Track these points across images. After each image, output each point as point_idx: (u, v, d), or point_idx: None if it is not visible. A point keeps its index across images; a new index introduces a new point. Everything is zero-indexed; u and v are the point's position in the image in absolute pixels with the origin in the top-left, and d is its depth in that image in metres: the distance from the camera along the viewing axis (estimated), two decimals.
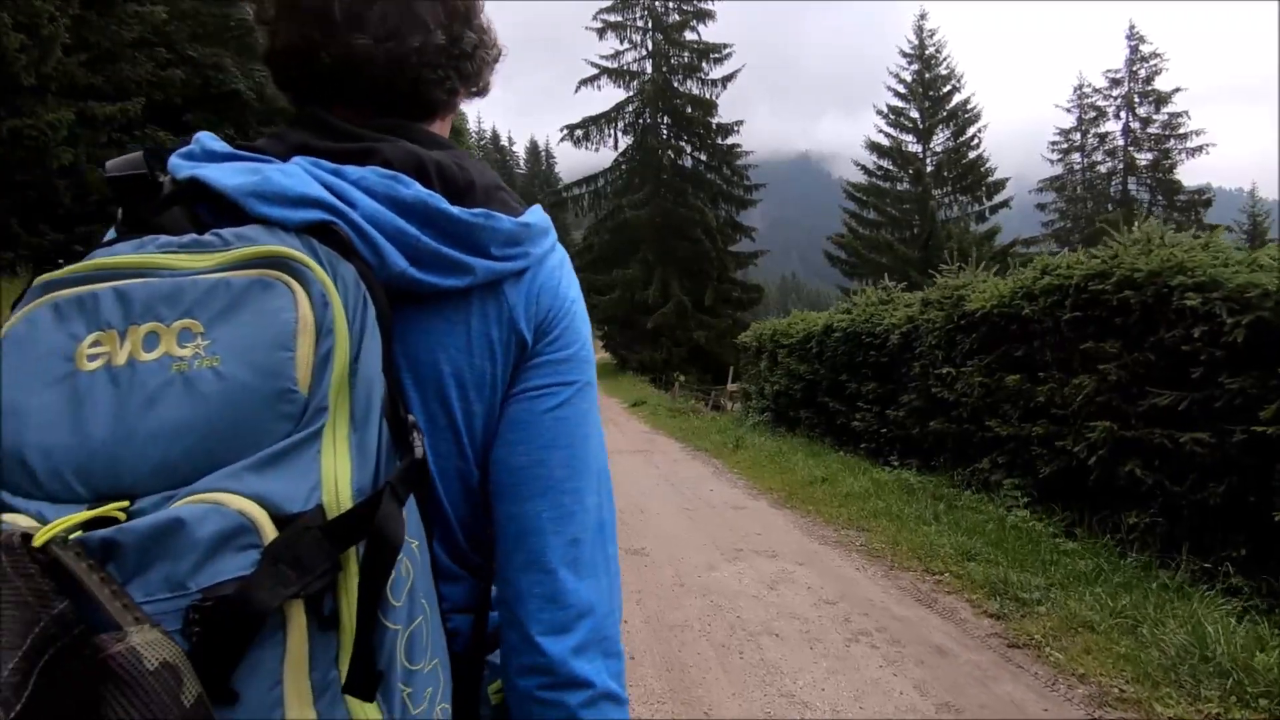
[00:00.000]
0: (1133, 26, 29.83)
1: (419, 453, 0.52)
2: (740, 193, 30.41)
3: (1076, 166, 32.28)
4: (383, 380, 0.51)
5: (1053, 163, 32.81)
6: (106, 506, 0.42)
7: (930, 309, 7.16)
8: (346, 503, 0.45)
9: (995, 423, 5.87)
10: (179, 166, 0.55)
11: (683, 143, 30.38)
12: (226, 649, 0.39)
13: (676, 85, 29.74)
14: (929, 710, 2.78)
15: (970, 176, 28.00)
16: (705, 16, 29.33)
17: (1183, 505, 4.13)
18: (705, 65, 29.41)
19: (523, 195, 0.67)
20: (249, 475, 0.43)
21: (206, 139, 0.58)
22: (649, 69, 29.58)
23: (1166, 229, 4.88)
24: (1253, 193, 30.81)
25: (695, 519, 5.88)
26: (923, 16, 28.59)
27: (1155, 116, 29.65)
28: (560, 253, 0.67)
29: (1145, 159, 29.84)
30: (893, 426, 7.81)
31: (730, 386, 18.13)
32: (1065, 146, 32.63)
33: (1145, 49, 29.54)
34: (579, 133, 29.99)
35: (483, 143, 65.86)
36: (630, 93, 29.83)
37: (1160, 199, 29.07)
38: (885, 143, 28.69)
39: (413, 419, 0.54)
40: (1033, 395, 5.41)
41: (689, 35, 29.41)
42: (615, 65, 29.60)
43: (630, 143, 30.32)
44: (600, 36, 29.56)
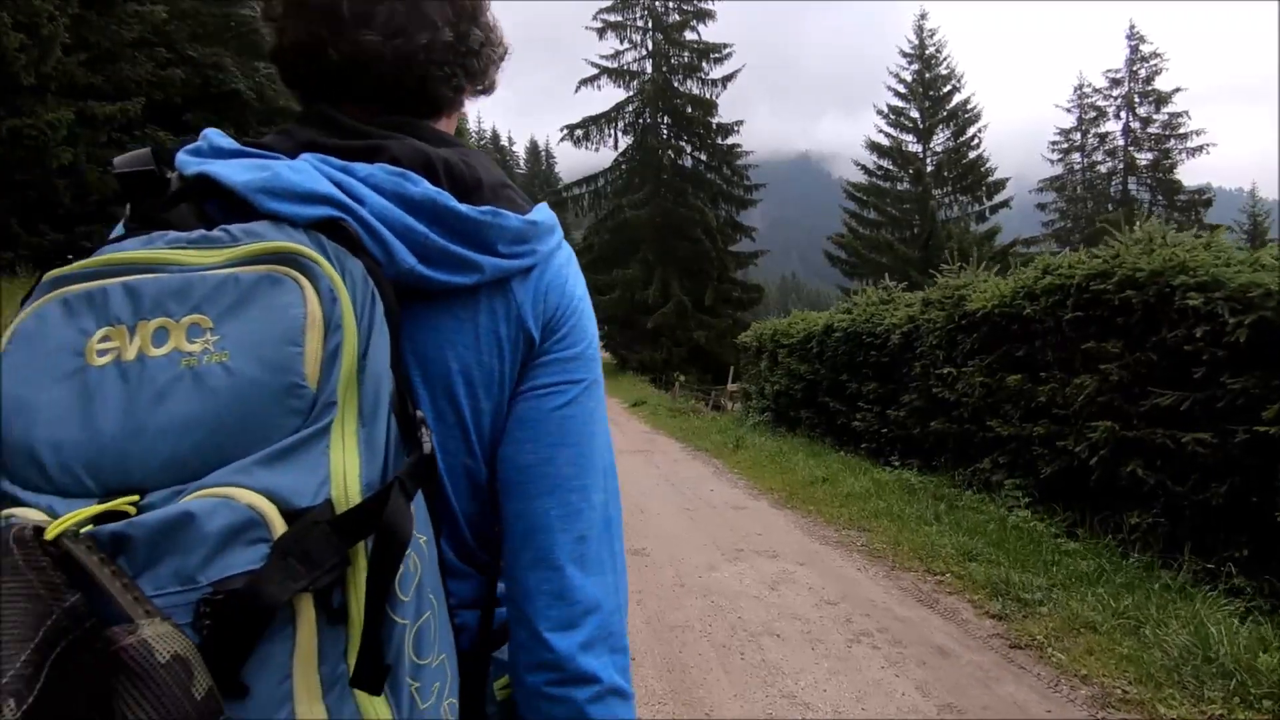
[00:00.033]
0: (1133, 26, 29.87)
1: (427, 448, 0.52)
2: (740, 193, 30.39)
3: (1077, 166, 32.29)
4: (391, 376, 0.51)
5: (1053, 163, 32.87)
6: (117, 501, 0.42)
7: (931, 309, 7.16)
8: (355, 498, 0.45)
9: (996, 423, 5.86)
10: (187, 163, 0.55)
11: (683, 143, 30.35)
12: (236, 642, 0.40)
13: (676, 85, 29.72)
14: (931, 711, 2.78)
15: (970, 176, 28.01)
16: (705, 16, 29.32)
17: (1185, 505, 4.12)
18: (705, 65, 29.40)
19: None
20: (258, 470, 0.43)
21: (214, 135, 0.58)
22: (649, 69, 29.56)
23: (1168, 229, 4.88)
24: (1253, 193, 30.80)
25: (696, 519, 5.87)
26: (923, 16, 28.62)
27: (1155, 116, 29.66)
28: (567, 250, 0.67)
29: (1145, 159, 29.84)
30: (893, 426, 7.81)
31: (730, 386, 18.13)
32: (1065, 146, 32.65)
33: (1145, 49, 29.58)
34: (579, 133, 29.97)
35: (483, 142, 65.82)
36: (630, 93, 29.82)
37: (1160, 199, 29.06)
38: (885, 143, 28.72)
39: (421, 414, 0.54)
40: (1034, 395, 5.41)
41: (689, 35, 29.40)
42: (615, 65, 29.58)
43: (630, 143, 30.30)
44: (600, 36, 29.57)
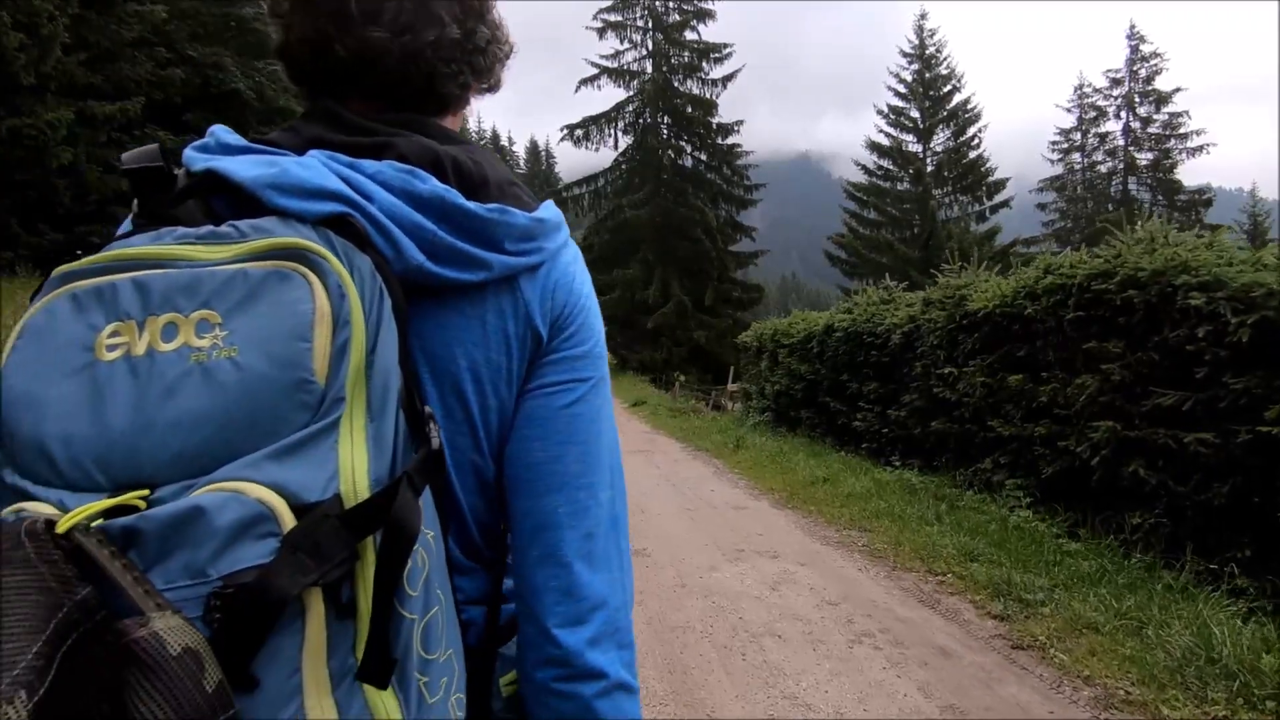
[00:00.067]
0: (1133, 26, 29.85)
1: (435, 444, 0.52)
2: (740, 193, 30.38)
3: (1077, 166, 32.25)
4: (399, 372, 0.51)
5: (1053, 162, 32.83)
6: (127, 495, 0.42)
7: (932, 309, 7.15)
8: (364, 492, 0.45)
9: (997, 423, 5.85)
10: (194, 159, 0.56)
11: (683, 142, 30.34)
12: (247, 636, 0.40)
13: (677, 85, 29.71)
14: (933, 712, 2.76)
15: (970, 176, 28.00)
16: (705, 16, 29.31)
17: (1187, 506, 4.11)
18: (705, 65, 29.39)
19: None
20: (267, 464, 0.43)
21: (221, 132, 0.58)
22: (649, 69, 29.55)
23: (1170, 228, 4.87)
24: (1253, 193, 30.76)
25: (696, 519, 5.86)
26: (923, 16, 28.62)
27: (1155, 116, 29.64)
28: (573, 248, 0.67)
29: (1145, 159, 29.82)
30: (894, 426, 7.80)
31: (731, 386, 18.12)
32: (1065, 146, 32.62)
33: (1145, 49, 29.56)
34: (579, 132, 29.95)
35: (483, 142, 65.83)
36: (630, 92, 29.81)
37: (1161, 199, 29.04)
38: (885, 142, 28.71)
39: (429, 410, 0.54)
40: (1035, 395, 5.40)
41: (689, 35, 29.39)
42: (615, 65, 29.57)
43: (630, 142, 30.28)
44: (600, 36, 29.56)
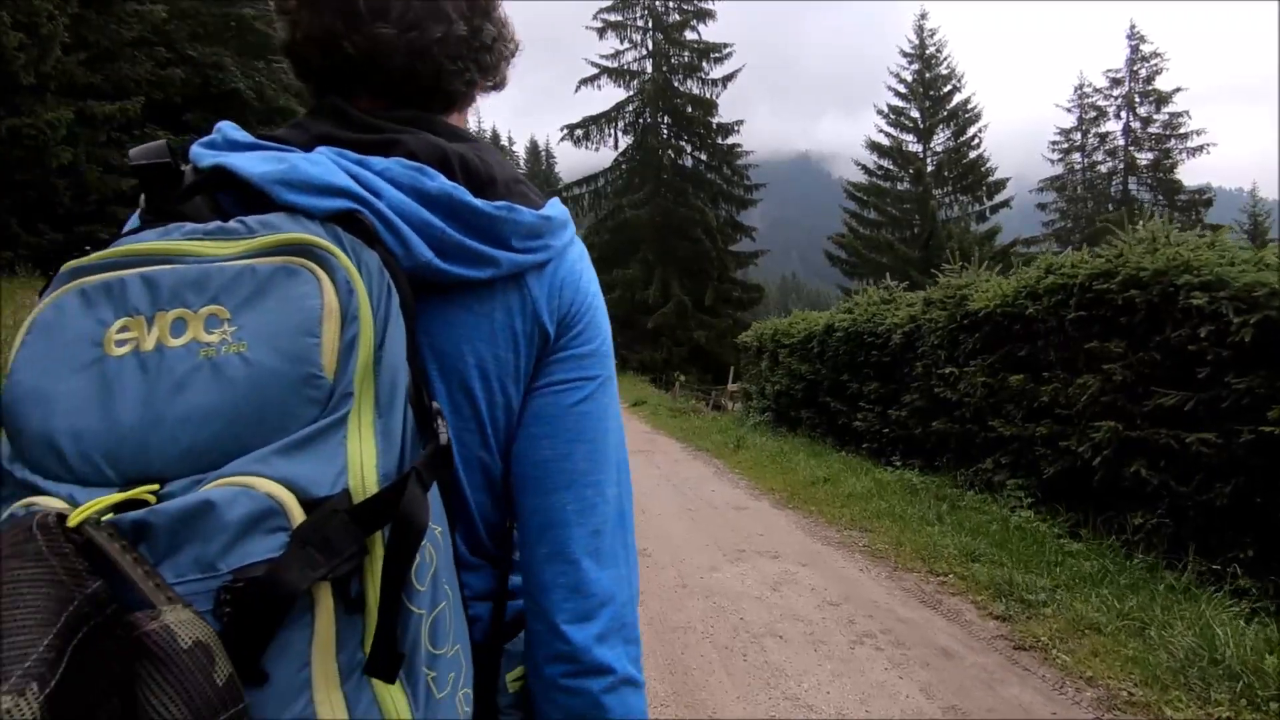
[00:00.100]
0: (1133, 26, 29.83)
1: (444, 439, 0.52)
2: (740, 192, 30.39)
3: (1077, 166, 32.21)
4: (407, 368, 0.51)
5: (1053, 162, 32.79)
6: (138, 489, 0.42)
7: (933, 308, 7.14)
8: (372, 487, 0.45)
9: (998, 423, 5.84)
10: (201, 155, 0.56)
11: (683, 142, 30.35)
12: (256, 630, 0.40)
13: (677, 85, 29.72)
14: (935, 713, 2.76)
15: (971, 176, 28.00)
16: (705, 16, 29.34)
17: (1189, 506, 4.10)
18: (705, 65, 29.41)
19: None
20: (276, 459, 0.43)
21: (228, 128, 0.58)
22: (649, 68, 29.56)
23: (1171, 228, 4.86)
24: (1253, 193, 30.72)
25: (697, 519, 5.85)
26: (923, 16, 28.61)
27: (1156, 116, 29.61)
28: (579, 246, 0.68)
29: (1146, 159, 29.79)
30: (895, 426, 7.79)
31: (731, 386, 18.11)
32: (1066, 146, 32.58)
33: (1146, 49, 29.52)
34: (579, 132, 29.97)
35: None
36: (630, 92, 29.83)
37: (1161, 199, 29.00)
38: (885, 142, 28.70)
39: (437, 406, 0.54)
40: (1036, 395, 5.39)
41: (689, 35, 29.42)
42: (615, 65, 29.59)
43: (630, 142, 30.30)
44: (600, 36, 29.59)
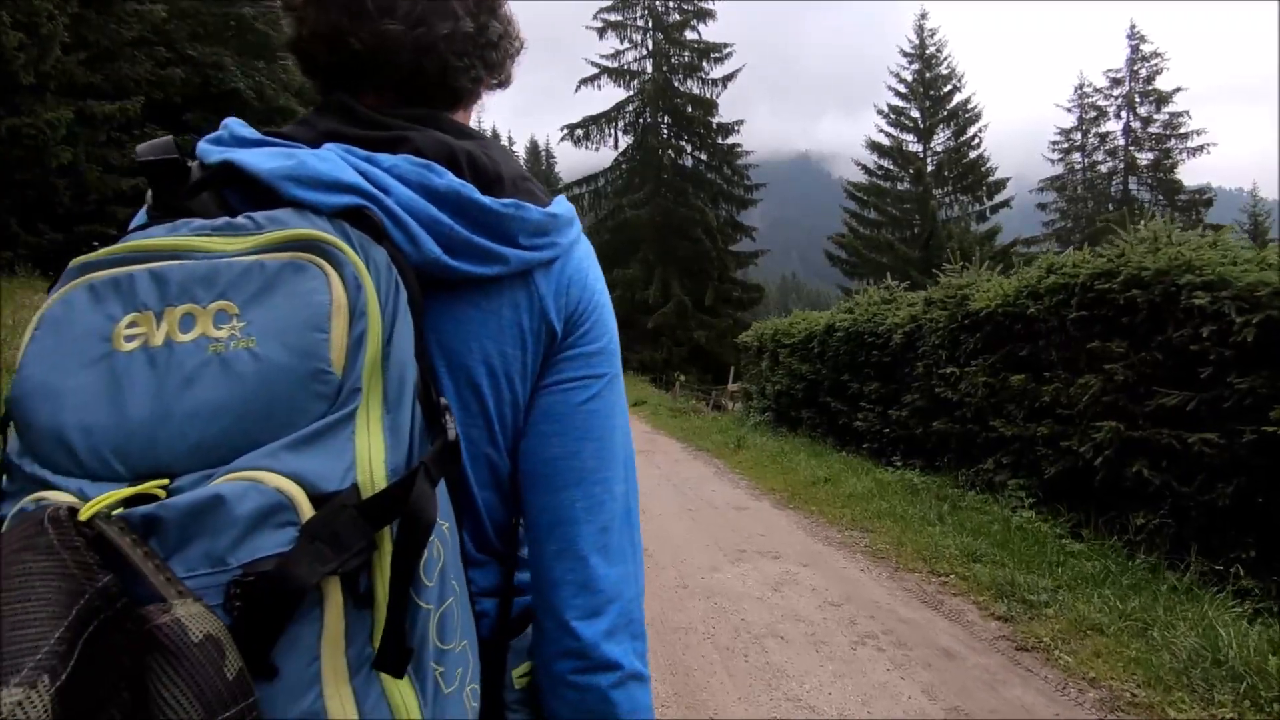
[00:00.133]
0: (1133, 26, 29.80)
1: (452, 435, 0.52)
2: (740, 192, 30.34)
3: (1077, 166, 32.16)
4: (415, 364, 0.51)
5: (1053, 162, 32.72)
6: (148, 484, 0.42)
7: (933, 308, 7.13)
8: (381, 482, 0.45)
9: (1000, 423, 5.84)
10: (208, 151, 0.56)
11: (683, 142, 30.30)
12: (266, 624, 0.40)
13: (677, 85, 29.68)
14: (938, 714, 2.75)
15: (971, 176, 27.96)
16: (705, 16, 29.28)
17: (1191, 506, 4.09)
18: (705, 65, 29.36)
19: None
20: (285, 454, 0.43)
21: (235, 125, 0.58)
22: (649, 68, 29.52)
23: (1173, 227, 4.85)
24: (1253, 193, 30.70)
25: (697, 520, 5.84)
26: (923, 16, 28.56)
27: (1156, 116, 29.55)
28: (585, 243, 0.68)
29: (1146, 159, 29.74)
30: (896, 426, 7.78)
31: (731, 386, 18.10)
32: (1066, 146, 32.52)
33: (1146, 48, 29.47)
34: (579, 132, 29.93)
35: None
36: (630, 92, 29.77)
37: (1161, 199, 28.98)
38: (886, 142, 28.65)
39: (445, 401, 0.54)
40: (1038, 395, 5.38)
41: (689, 35, 29.36)
42: (615, 65, 29.54)
43: (630, 142, 30.24)
44: (600, 36, 29.54)
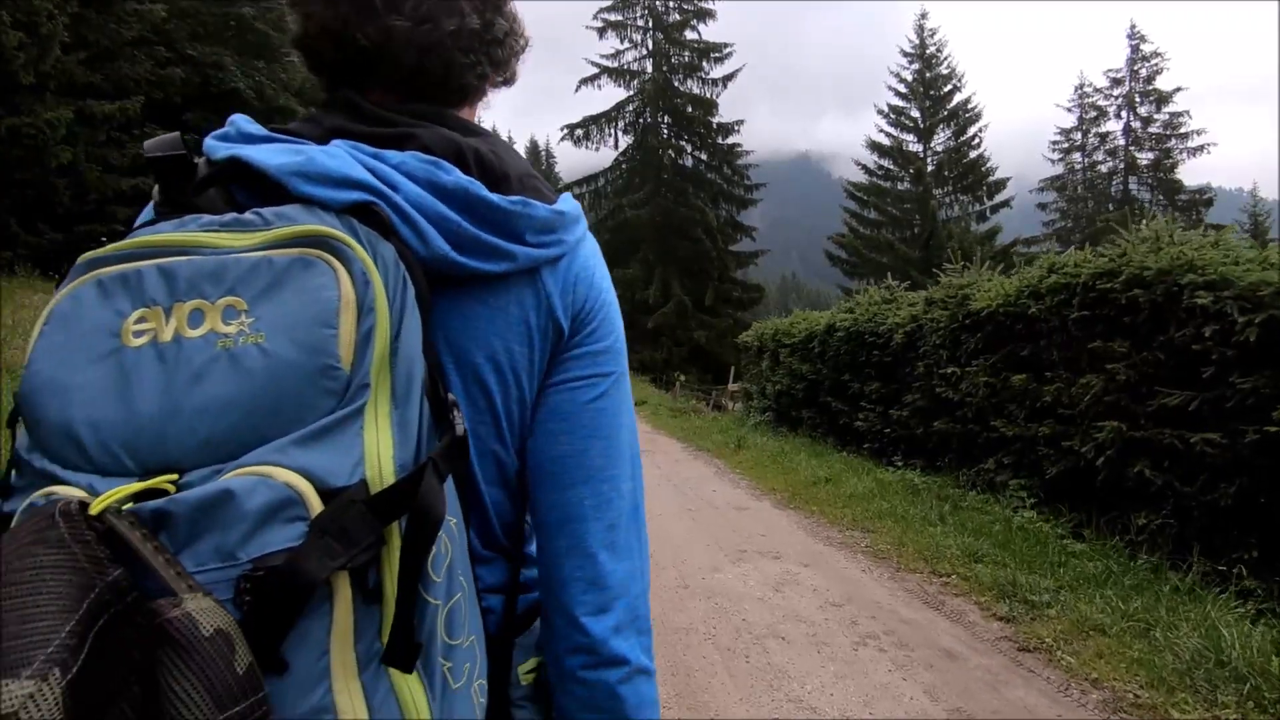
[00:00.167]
0: (1134, 26, 29.79)
1: (460, 430, 0.52)
2: (740, 192, 30.35)
3: (1077, 166, 32.15)
4: (423, 360, 0.51)
5: (1053, 162, 32.71)
6: (158, 479, 0.42)
7: (934, 308, 7.12)
8: (389, 478, 0.45)
9: (1001, 423, 5.83)
10: (216, 148, 0.56)
11: (683, 142, 30.31)
12: (276, 619, 0.40)
13: (677, 84, 29.69)
14: (940, 715, 2.73)
15: (971, 176, 27.95)
16: (706, 16, 29.31)
17: (1193, 506, 4.08)
18: (706, 64, 29.38)
19: None
20: (294, 450, 0.43)
21: (242, 121, 0.58)
22: (649, 68, 29.53)
23: (1175, 227, 4.84)
24: (1253, 193, 30.69)
25: (698, 520, 5.83)
26: (923, 16, 28.57)
27: (1156, 116, 29.54)
28: (592, 241, 0.68)
29: (1146, 158, 29.72)
30: (896, 426, 7.77)
31: (731, 386, 18.10)
32: (1066, 146, 32.51)
33: (1146, 48, 29.46)
34: (579, 132, 29.94)
35: None
36: (631, 92, 29.79)
37: (1161, 199, 28.97)
38: (886, 142, 28.64)
39: (453, 398, 0.54)
40: (1039, 395, 5.37)
41: (689, 34, 29.39)
42: (616, 64, 29.55)
43: (630, 142, 30.26)
44: (600, 36, 29.56)
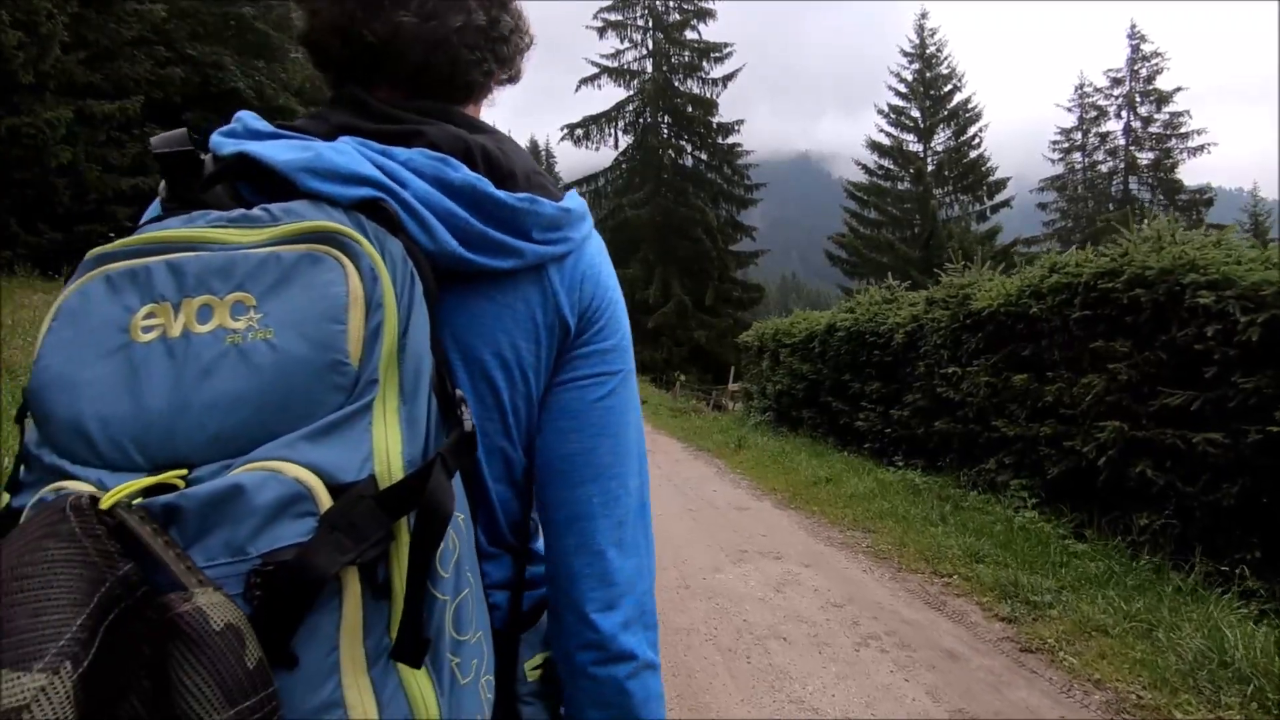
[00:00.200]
0: (1134, 26, 29.77)
1: (468, 426, 0.52)
2: (741, 192, 30.33)
3: (1077, 166, 32.12)
4: (430, 355, 0.51)
5: (1054, 162, 32.67)
6: (168, 474, 0.42)
7: (935, 308, 7.11)
8: (398, 473, 0.46)
9: (1002, 423, 5.81)
10: (222, 144, 0.56)
11: (683, 142, 30.29)
12: (286, 614, 0.40)
13: (677, 84, 29.67)
14: (942, 716, 2.73)
15: (971, 176, 27.93)
16: (706, 16, 29.28)
17: (1195, 506, 4.07)
18: (706, 64, 29.36)
19: None
20: (303, 445, 0.43)
21: (249, 118, 0.58)
22: (649, 68, 29.51)
23: (1177, 226, 4.83)
24: (1254, 192, 30.66)
25: (699, 520, 5.82)
26: (923, 16, 28.55)
27: (1156, 116, 29.50)
28: (597, 239, 0.68)
29: (1146, 158, 29.69)
30: (897, 426, 7.76)
31: (731, 386, 18.11)
32: (1066, 146, 32.47)
33: (1146, 48, 29.43)
34: (579, 132, 29.91)
35: None
36: (631, 92, 29.75)
37: (1161, 198, 28.95)
38: (886, 142, 28.62)
39: (460, 393, 0.54)
40: (1040, 395, 5.35)
41: (689, 34, 29.36)
42: (616, 64, 29.52)
43: (631, 142, 30.22)
44: (600, 35, 29.53)
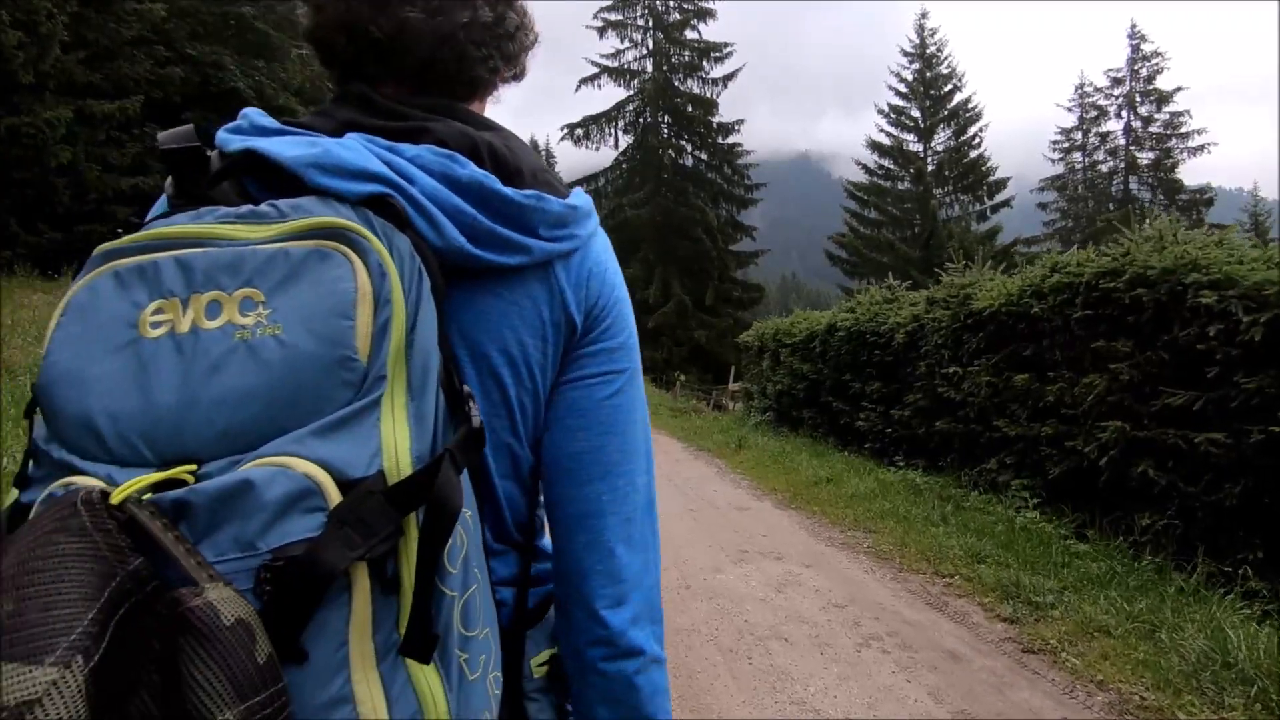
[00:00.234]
0: (1134, 26, 29.76)
1: (476, 422, 0.52)
2: (741, 192, 30.31)
3: (1078, 165, 32.10)
4: (438, 351, 0.51)
5: (1054, 162, 32.65)
6: (177, 469, 0.42)
7: (936, 308, 7.10)
8: (406, 469, 0.46)
9: (1003, 423, 5.80)
10: (229, 140, 0.56)
11: (683, 142, 30.27)
12: (295, 609, 0.40)
13: (677, 84, 29.66)
14: (944, 717, 2.72)
15: (971, 176, 27.93)
16: (706, 15, 29.27)
17: (1197, 507, 4.06)
18: (706, 64, 29.34)
19: None
20: (312, 441, 0.44)
21: (255, 115, 0.59)
22: (649, 68, 29.49)
23: (1179, 226, 4.83)
24: (1254, 192, 30.63)
25: (699, 520, 5.81)
26: (924, 16, 28.55)
27: (1157, 116, 29.49)
28: (603, 237, 0.68)
29: (1146, 158, 29.69)
30: (898, 426, 7.75)
31: (732, 386, 18.10)
32: (1066, 145, 32.45)
33: (1146, 48, 29.42)
34: (579, 132, 29.90)
35: None
36: (631, 91, 29.74)
37: (1162, 198, 28.94)
38: (886, 142, 28.62)
39: (468, 389, 0.54)
40: (1042, 395, 5.35)
41: (689, 34, 29.34)
42: (616, 64, 29.51)
43: (631, 142, 30.21)
44: (601, 35, 29.52)
